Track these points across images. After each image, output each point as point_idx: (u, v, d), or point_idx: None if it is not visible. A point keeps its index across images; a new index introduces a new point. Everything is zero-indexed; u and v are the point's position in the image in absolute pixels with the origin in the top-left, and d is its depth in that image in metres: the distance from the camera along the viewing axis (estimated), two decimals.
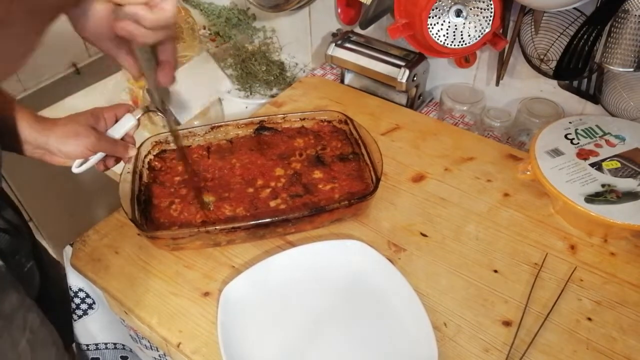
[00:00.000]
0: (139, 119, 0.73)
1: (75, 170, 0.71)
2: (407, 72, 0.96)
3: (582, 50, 0.76)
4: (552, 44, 0.83)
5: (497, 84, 0.97)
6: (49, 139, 0.67)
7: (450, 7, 0.79)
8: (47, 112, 1.06)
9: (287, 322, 0.65)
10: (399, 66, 0.97)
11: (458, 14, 0.79)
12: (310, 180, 0.78)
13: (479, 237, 0.74)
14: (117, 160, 0.74)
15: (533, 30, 0.84)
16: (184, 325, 0.65)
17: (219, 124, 0.85)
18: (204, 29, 1.33)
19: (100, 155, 0.71)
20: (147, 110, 0.74)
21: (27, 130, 0.67)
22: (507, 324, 0.64)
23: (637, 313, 0.64)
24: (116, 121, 0.73)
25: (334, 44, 1.05)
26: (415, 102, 1.04)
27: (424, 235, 0.75)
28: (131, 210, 0.69)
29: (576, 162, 0.75)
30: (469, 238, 0.74)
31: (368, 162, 0.77)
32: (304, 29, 1.22)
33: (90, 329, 0.83)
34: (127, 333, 0.82)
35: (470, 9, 0.79)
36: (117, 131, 0.72)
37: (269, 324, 0.64)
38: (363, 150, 0.79)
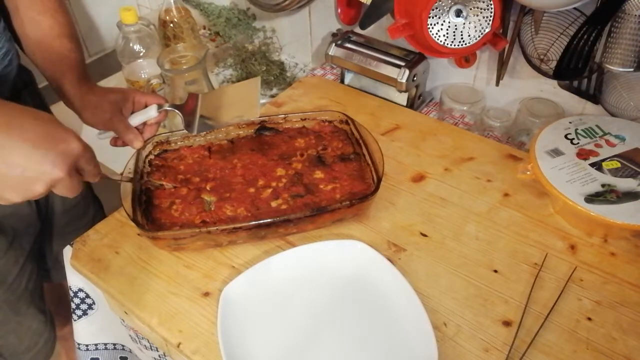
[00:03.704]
0: (162, 113, 0.76)
1: (98, 136, 0.77)
2: (407, 72, 0.96)
3: (582, 50, 0.76)
4: (552, 44, 0.83)
5: (497, 84, 0.97)
6: (79, 100, 0.73)
7: (450, 7, 0.79)
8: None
9: (287, 322, 0.65)
10: (399, 66, 0.97)
11: (458, 14, 0.79)
12: (312, 180, 0.78)
13: (479, 237, 0.74)
14: (125, 143, 0.77)
15: (533, 30, 0.84)
16: (184, 325, 0.65)
17: None
18: (204, 29, 1.33)
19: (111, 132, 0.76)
20: (174, 107, 0.77)
21: (69, 86, 0.73)
22: (507, 324, 0.64)
23: (637, 313, 0.64)
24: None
25: (334, 44, 1.05)
26: (415, 102, 1.04)
27: (424, 235, 0.75)
28: (132, 211, 0.69)
29: (576, 162, 0.76)
30: (469, 238, 0.74)
31: (369, 162, 0.77)
32: (304, 29, 1.22)
33: (90, 329, 0.83)
34: (127, 333, 0.82)
35: (470, 9, 0.79)
36: (135, 118, 0.76)
37: (269, 324, 0.64)
38: (364, 150, 0.79)
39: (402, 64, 0.97)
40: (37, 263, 0.93)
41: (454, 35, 0.81)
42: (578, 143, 0.78)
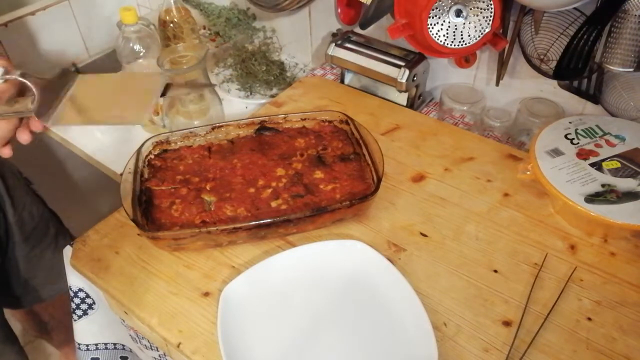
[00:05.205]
0: (9, 83, 0.59)
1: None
2: (407, 72, 0.96)
3: (582, 50, 0.76)
4: (552, 44, 0.83)
5: (497, 84, 0.97)
6: None
7: (450, 7, 0.79)
8: None
9: (287, 322, 0.65)
10: (399, 66, 0.97)
11: (458, 14, 0.79)
12: (312, 180, 0.78)
13: (479, 237, 0.74)
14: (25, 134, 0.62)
15: (533, 30, 0.84)
16: (184, 325, 0.65)
17: (220, 124, 0.85)
18: (204, 29, 1.33)
19: None
20: (28, 78, 0.59)
21: None
22: (507, 324, 0.64)
23: (637, 313, 0.64)
24: None
25: (334, 44, 1.05)
26: (415, 102, 1.04)
27: (424, 235, 0.75)
28: (132, 211, 0.69)
29: (576, 162, 0.76)
30: (469, 238, 0.74)
31: (369, 162, 0.77)
32: (304, 29, 1.22)
33: (90, 329, 0.83)
34: (127, 333, 0.82)
35: (470, 9, 0.79)
36: None
37: (269, 324, 0.64)
38: (364, 150, 0.79)
39: (402, 64, 0.97)
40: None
41: (454, 35, 0.81)
42: (578, 143, 0.78)
